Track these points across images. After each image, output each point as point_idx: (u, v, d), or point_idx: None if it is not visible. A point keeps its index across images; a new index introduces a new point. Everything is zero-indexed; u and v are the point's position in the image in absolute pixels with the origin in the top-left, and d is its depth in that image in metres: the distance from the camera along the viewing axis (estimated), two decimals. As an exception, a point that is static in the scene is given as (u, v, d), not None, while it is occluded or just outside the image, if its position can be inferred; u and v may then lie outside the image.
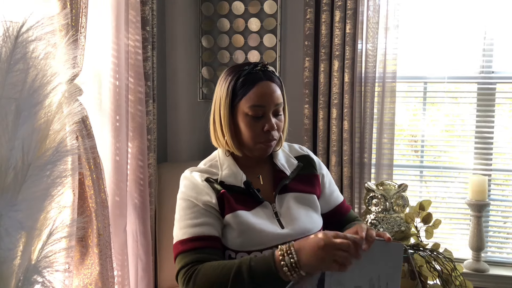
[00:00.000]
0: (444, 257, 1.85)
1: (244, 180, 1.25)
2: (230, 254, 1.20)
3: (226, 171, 1.27)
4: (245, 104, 1.20)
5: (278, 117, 1.24)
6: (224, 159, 1.29)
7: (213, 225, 1.19)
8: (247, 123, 1.21)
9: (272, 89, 1.21)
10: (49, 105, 0.99)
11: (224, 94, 1.23)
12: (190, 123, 2.31)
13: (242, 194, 1.24)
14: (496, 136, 2.26)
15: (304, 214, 1.26)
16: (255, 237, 1.19)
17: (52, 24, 1.02)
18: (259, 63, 1.25)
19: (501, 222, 2.35)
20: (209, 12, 2.33)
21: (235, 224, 1.19)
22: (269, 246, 1.18)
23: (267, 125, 1.21)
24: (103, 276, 1.48)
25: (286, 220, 1.24)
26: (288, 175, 1.31)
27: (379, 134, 2.19)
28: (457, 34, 2.24)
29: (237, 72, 1.23)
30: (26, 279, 0.93)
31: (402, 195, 1.98)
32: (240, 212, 1.20)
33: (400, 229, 1.94)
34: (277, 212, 1.25)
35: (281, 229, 1.22)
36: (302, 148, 1.42)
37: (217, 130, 1.26)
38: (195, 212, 1.20)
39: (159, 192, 2.06)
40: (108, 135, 1.69)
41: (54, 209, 1.00)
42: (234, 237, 1.19)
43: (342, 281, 1.02)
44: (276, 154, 1.34)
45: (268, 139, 1.22)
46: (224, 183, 1.24)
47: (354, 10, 2.11)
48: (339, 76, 2.16)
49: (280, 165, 1.32)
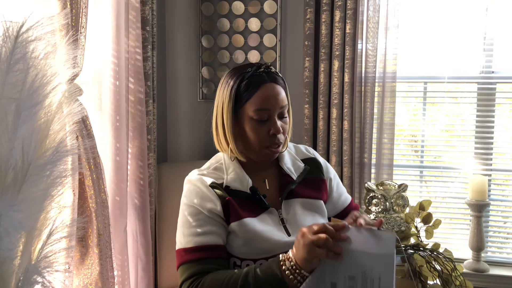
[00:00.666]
0: (444, 257, 1.85)
1: (250, 186, 1.22)
2: (235, 262, 1.18)
3: (231, 175, 1.23)
4: (249, 108, 1.17)
5: (283, 119, 1.21)
6: (230, 163, 1.26)
7: (217, 233, 1.17)
8: (252, 127, 1.18)
9: (277, 91, 1.18)
10: (49, 105, 0.99)
11: (227, 98, 1.19)
12: (190, 123, 2.31)
13: (248, 200, 1.21)
14: (496, 136, 2.26)
15: (311, 221, 1.23)
16: (261, 245, 1.16)
17: (52, 24, 1.02)
18: (262, 64, 1.21)
19: (501, 222, 2.35)
20: (209, 12, 2.33)
21: (241, 232, 1.17)
22: (275, 254, 1.14)
23: (272, 129, 1.17)
24: (103, 276, 1.48)
25: (293, 227, 1.21)
26: (295, 180, 1.27)
27: (379, 134, 2.19)
28: (457, 34, 2.24)
29: (240, 75, 1.19)
30: (26, 279, 0.93)
31: (402, 195, 1.98)
32: (246, 220, 1.17)
33: (400, 229, 1.93)
34: (283, 218, 1.22)
35: (288, 236, 1.20)
36: (309, 150, 1.38)
37: (220, 135, 1.23)
38: (199, 219, 1.17)
39: (159, 192, 2.06)
40: (108, 135, 1.69)
41: (54, 209, 1.00)
42: (240, 245, 1.17)
43: (336, 269, 1.01)
44: (282, 156, 1.30)
45: (274, 143, 1.19)
46: (229, 188, 1.21)
47: (354, 10, 2.11)
48: (339, 76, 2.16)
49: (287, 169, 1.28)
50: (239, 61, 2.32)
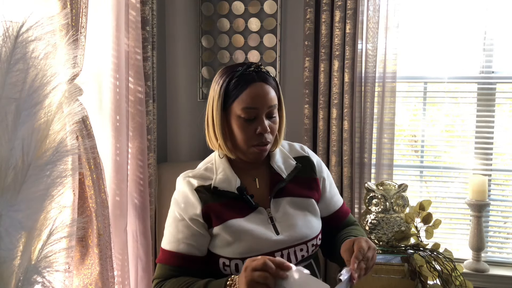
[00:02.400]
0: (444, 257, 1.85)
1: (237, 186, 1.22)
2: (224, 262, 1.18)
3: (220, 176, 1.24)
4: (237, 106, 1.17)
5: (272, 119, 1.21)
6: (220, 162, 1.26)
7: (193, 245, 1.19)
8: (239, 126, 1.18)
9: (265, 90, 1.18)
10: (49, 105, 0.99)
11: (216, 96, 1.21)
12: (190, 123, 2.31)
13: (236, 200, 1.21)
14: (496, 136, 2.26)
15: (301, 220, 1.23)
16: (248, 244, 1.17)
17: (52, 24, 1.02)
18: (252, 63, 1.22)
19: (501, 222, 2.35)
20: (209, 12, 2.33)
21: (227, 234, 1.18)
22: (263, 253, 1.15)
23: (260, 128, 1.18)
24: (103, 276, 1.48)
25: (282, 226, 1.21)
26: (284, 178, 1.27)
27: (379, 134, 2.19)
28: (457, 34, 2.24)
29: (230, 73, 1.20)
30: (26, 279, 0.93)
31: (402, 195, 1.98)
32: (231, 222, 1.18)
33: (400, 229, 1.94)
34: (272, 217, 1.22)
35: (276, 235, 1.20)
36: (303, 148, 1.37)
37: (210, 132, 1.25)
38: (180, 226, 1.21)
39: (159, 192, 2.06)
40: (108, 135, 1.69)
41: (54, 209, 1.00)
42: (226, 245, 1.18)
43: None
44: (273, 155, 1.29)
45: (261, 142, 1.19)
46: (217, 189, 1.22)
47: (354, 10, 2.11)
48: (339, 76, 2.16)
49: (277, 167, 1.28)
50: (239, 61, 2.32)
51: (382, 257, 1.89)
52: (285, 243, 1.19)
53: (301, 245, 1.21)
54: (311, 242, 1.23)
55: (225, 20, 2.32)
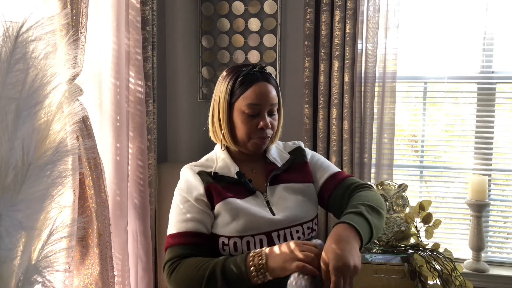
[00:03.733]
0: (444, 257, 1.85)
1: (236, 171, 1.31)
2: (223, 241, 1.23)
3: (220, 163, 1.34)
4: (242, 102, 1.27)
5: (272, 116, 1.32)
6: (220, 153, 1.36)
7: (201, 221, 1.24)
8: (243, 120, 1.28)
9: (268, 89, 1.29)
10: (49, 105, 0.99)
11: (223, 92, 1.30)
12: (190, 123, 2.31)
13: (235, 185, 1.30)
14: (496, 136, 2.26)
15: (295, 203, 1.30)
16: (247, 221, 1.23)
17: (52, 24, 1.02)
18: (257, 65, 1.33)
19: (501, 222, 2.35)
20: (209, 12, 2.33)
21: (226, 211, 1.24)
22: (261, 232, 1.22)
23: (261, 123, 1.28)
24: (103, 276, 1.48)
25: (278, 208, 1.28)
26: (280, 167, 1.36)
27: (379, 134, 2.19)
28: (457, 34, 2.24)
29: (236, 72, 1.30)
30: (26, 279, 0.93)
31: (402, 195, 1.98)
32: (230, 199, 1.25)
33: (400, 229, 1.94)
34: (268, 201, 1.30)
35: (273, 215, 1.27)
36: (295, 143, 1.47)
37: (215, 125, 1.34)
38: (186, 207, 1.26)
39: (159, 192, 2.06)
40: (108, 135, 1.69)
41: (54, 209, 1.00)
42: (226, 223, 1.23)
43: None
44: (268, 149, 1.40)
45: (262, 136, 1.29)
46: (217, 174, 1.31)
47: (354, 10, 2.11)
48: (339, 76, 2.16)
49: (272, 158, 1.38)
50: (239, 61, 2.32)
51: (382, 257, 1.89)
52: (281, 223, 1.25)
53: (297, 227, 1.27)
54: (307, 225, 1.29)
55: (225, 20, 2.32)
